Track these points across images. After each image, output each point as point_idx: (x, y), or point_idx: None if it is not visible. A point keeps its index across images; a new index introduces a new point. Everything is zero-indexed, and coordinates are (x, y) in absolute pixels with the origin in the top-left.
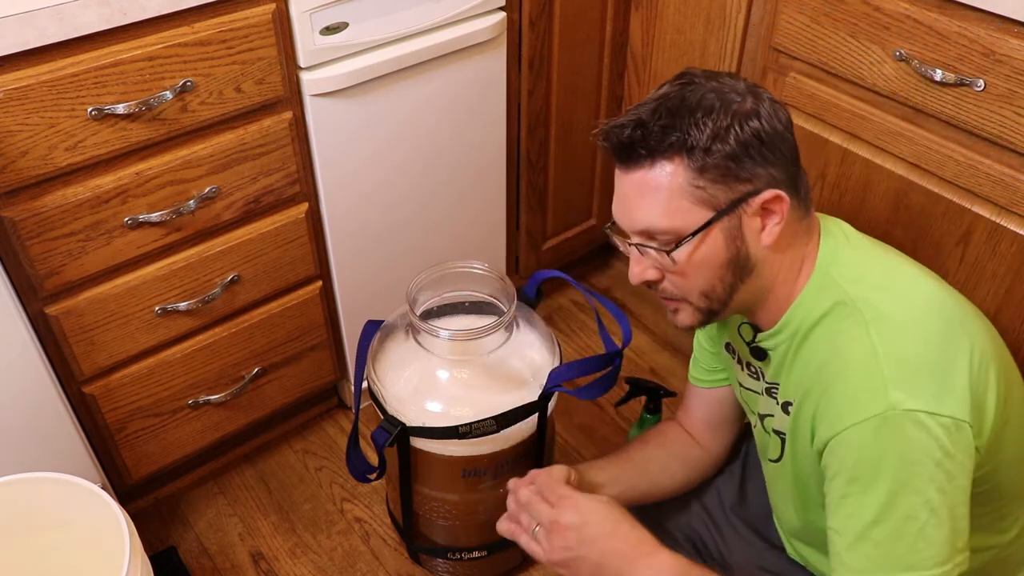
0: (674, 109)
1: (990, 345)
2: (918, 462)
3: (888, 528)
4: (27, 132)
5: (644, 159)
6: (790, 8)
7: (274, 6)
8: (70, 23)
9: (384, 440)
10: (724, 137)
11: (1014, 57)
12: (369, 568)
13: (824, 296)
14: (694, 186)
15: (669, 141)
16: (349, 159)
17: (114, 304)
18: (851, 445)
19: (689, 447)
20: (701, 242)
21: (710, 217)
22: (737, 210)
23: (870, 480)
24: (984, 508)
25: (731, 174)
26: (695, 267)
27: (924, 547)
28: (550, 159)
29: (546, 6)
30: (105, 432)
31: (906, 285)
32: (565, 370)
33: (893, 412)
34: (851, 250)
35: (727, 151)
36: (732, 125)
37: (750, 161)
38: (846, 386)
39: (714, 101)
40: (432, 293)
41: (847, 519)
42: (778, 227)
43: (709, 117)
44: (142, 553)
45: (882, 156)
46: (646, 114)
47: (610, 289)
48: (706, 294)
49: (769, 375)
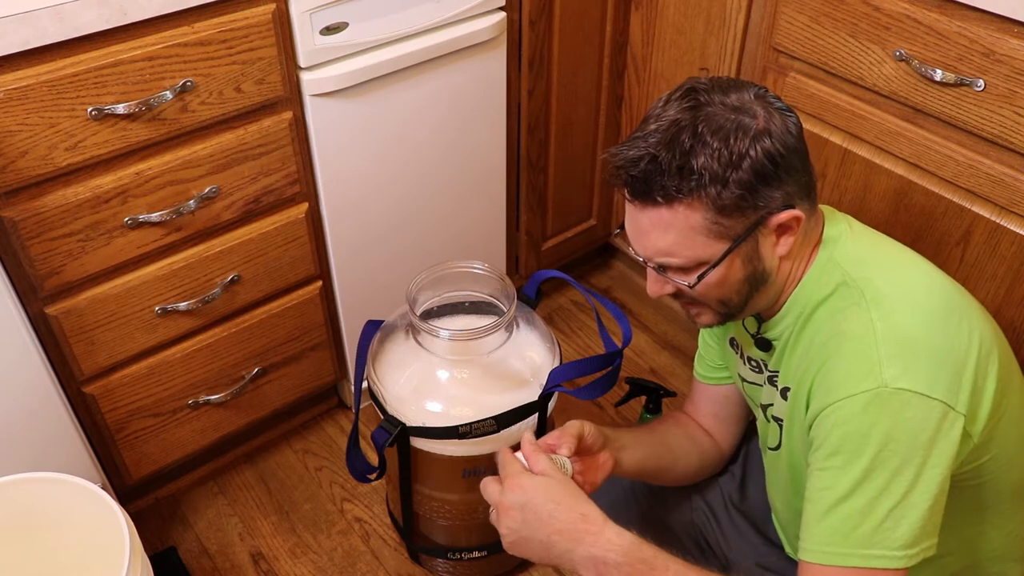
0: (687, 147)
1: (990, 334)
2: (901, 442)
3: (860, 503)
4: (27, 132)
5: (660, 202)
6: (790, 8)
7: (274, 6)
8: (70, 23)
9: (384, 440)
10: (738, 164)
11: (1014, 57)
12: (369, 568)
13: (827, 278)
14: (711, 223)
15: (688, 186)
16: (349, 159)
17: (114, 304)
18: (838, 418)
19: (702, 434)
20: (719, 269)
21: (728, 248)
22: (754, 233)
23: (851, 454)
24: (975, 503)
25: (748, 204)
26: (713, 287)
27: (892, 527)
28: (550, 159)
29: (546, 6)
30: (105, 432)
31: (909, 269)
32: (565, 370)
33: (885, 389)
34: (855, 236)
35: (743, 180)
36: (746, 152)
37: (765, 188)
38: (841, 361)
39: (725, 123)
40: (432, 293)
41: (822, 491)
42: (792, 238)
43: (724, 145)
44: (142, 553)
45: (882, 156)
46: (657, 147)
47: (610, 289)
48: (724, 302)
49: (771, 364)
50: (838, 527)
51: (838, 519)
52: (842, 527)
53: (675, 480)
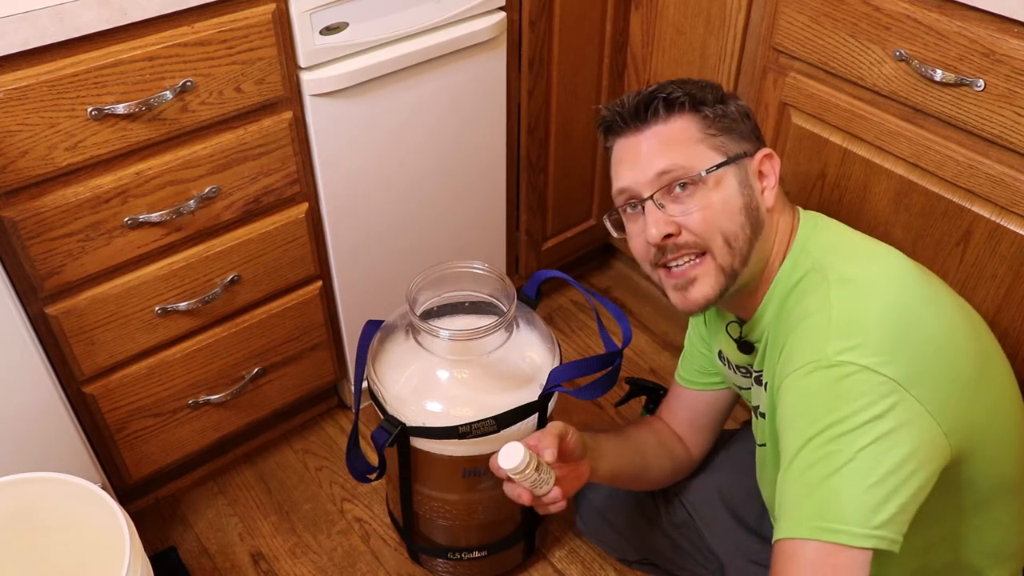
0: (679, 83)
1: (961, 323)
2: (838, 411)
3: (801, 474)
4: (27, 132)
5: (659, 115)
6: (790, 8)
7: (274, 6)
8: (70, 23)
9: (384, 440)
10: (724, 102)
11: (1014, 57)
12: (369, 568)
13: (799, 266)
14: (707, 134)
15: (681, 99)
16: (349, 159)
17: (114, 304)
18: (784, 392)
19: (676, 443)
20: (719, 181)
21: (722, 159)
22: (743, 162)
23: (794, 427)
24: (957, 498)
25: (735, 131)
26: (717, 205)
27: (832, 499)
28: (550, 159)
29: (546, 6)
30: (105, 432)
31: (876, 258)
32: (565, 370)
33: (826, 360)
34: (828, 229)
35: (729, 112)
36: (727, 97)
37: (745, 128)
38: (797, 338)
39: (708, 83)
40: (432, 293)
41: (782, 453)
42: (774, 189)
43: (708, 88)
44: (142, 553)
45: (882, 156)
46: (653, 87)
47: (610, 289)
48: (729, 241)
49: (755, 365)
50: (791, 499)
51: (787, 490)
52: (794, 498)
53: (646, 486)
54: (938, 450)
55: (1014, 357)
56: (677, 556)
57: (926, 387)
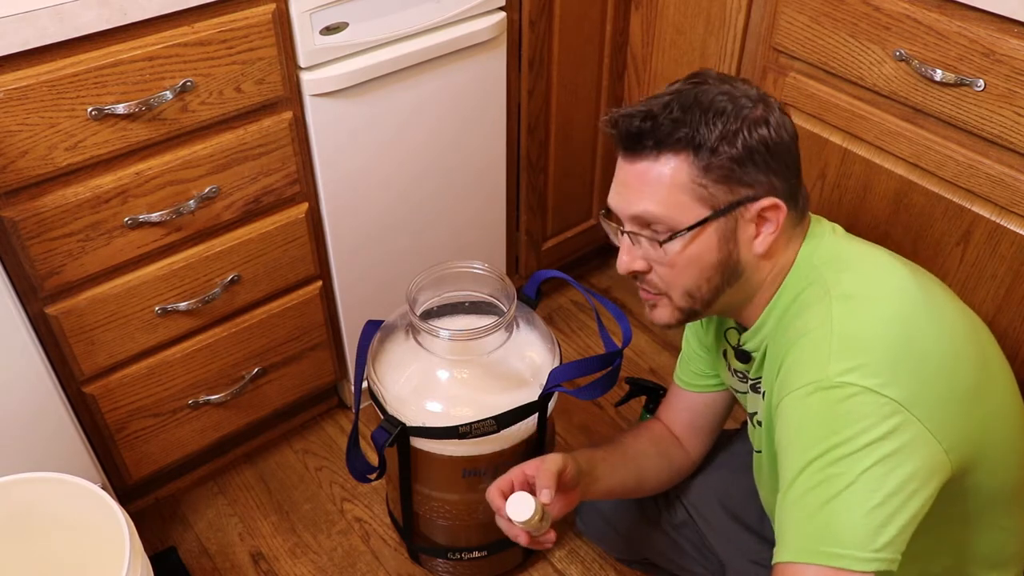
0: (686, 106)
1: (962, 331)
2: (839, 433)
3: (801, 498)
4: (27, 132)
5: (650, 151)
6: (790, 8)
7: (274, 6)
8: (70, 23)
9: (384, 440)
10: (732, 140)
11: (1014, 57)
12: (369, 568)
13: (802, 280)
14: (696, 183)
15: (677, 136)
16: (349, 159)
17: (114, 304)
18: (783, 412)
19: (675, 447)
20: (694, 238)
21: (707, 215)
22: (734, 213)
23: (794, 448)
24: (961, 507)
25: (734, 177)
26: (684, 263)
27: (831, 522)
28: (550, 159)
29: (546, 6)
30: (105, 432)
31: (881, 272)
32: (565, 370)
33: (828, 381)
34: (835, 242)
35: (733, 154)
36: (741, 130)
37: (754, 167)
38: (797, 354)
39: (726, 104)
40: (432, 293)
41: (781, 474)
42: (772, 236)
43: (720, 119)
44: (142, 553)
45: (882, 156)
46: (657, 107)
47: (610, 289)
48: (690, 293)
49: (752, 373)
50: (791, 522)
51: (788, 513)
52: (795, 521)
53: (644, 495)
54: (939, 468)
55: (1014, 358)
56: (677, 556)
57: (927, 405)
